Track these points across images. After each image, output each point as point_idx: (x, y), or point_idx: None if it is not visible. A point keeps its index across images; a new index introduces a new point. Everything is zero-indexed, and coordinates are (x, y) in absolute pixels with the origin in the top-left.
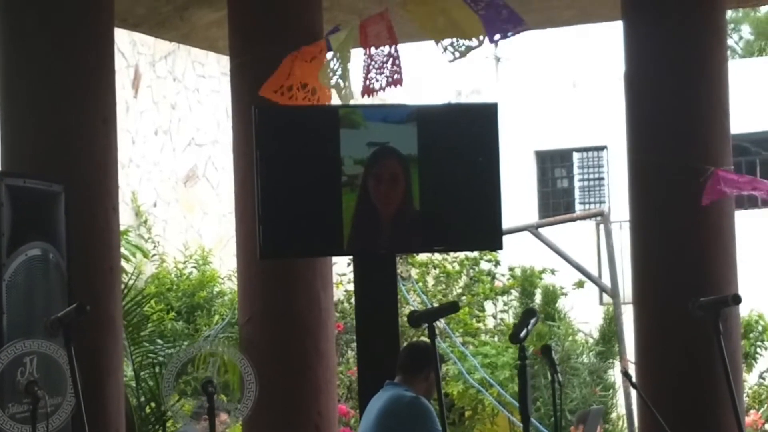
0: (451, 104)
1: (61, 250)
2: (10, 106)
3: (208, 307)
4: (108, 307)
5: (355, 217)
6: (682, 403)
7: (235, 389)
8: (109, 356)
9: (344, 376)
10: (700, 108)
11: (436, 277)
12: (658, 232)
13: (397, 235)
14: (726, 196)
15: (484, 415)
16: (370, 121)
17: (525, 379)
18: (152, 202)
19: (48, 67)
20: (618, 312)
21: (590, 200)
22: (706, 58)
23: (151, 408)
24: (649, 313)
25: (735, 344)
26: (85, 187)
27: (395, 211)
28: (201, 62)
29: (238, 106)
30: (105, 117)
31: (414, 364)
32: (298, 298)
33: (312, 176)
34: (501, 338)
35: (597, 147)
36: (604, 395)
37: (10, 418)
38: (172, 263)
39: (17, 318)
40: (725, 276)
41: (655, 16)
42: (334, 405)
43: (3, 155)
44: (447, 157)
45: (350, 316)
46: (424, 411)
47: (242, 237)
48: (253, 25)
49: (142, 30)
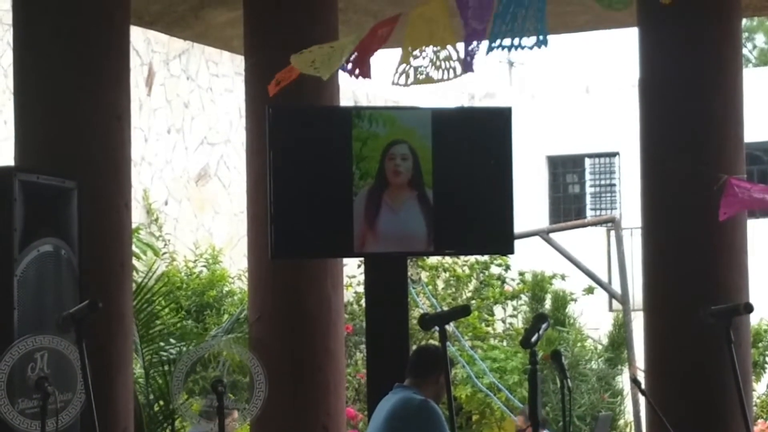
0: (464, 108)
1: (72, 246)
2: (25, 101)
3: (218, 306)
4: (118, 304)
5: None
6: (691, 411)
7: (243, 389)
8: (118, 353)
9: (353, 378)
10: (714, 116)
11: (446, 280)
12: (669, 239)
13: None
14: (741, 209)
15: (491, 420)
16: (390, 120)
17: (535, 384)
18: (164, 201)
19: (63, 63)
20: (627, 318)
21: (601, 206)
22: (721, 66)
23: (160, 406)
24: (660, 320)
25: (745, 353)
26: (98, 184)
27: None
28: (215, 61)
29: (252, 105)
30: (119, 114)
31: (424, 367)
32: (308, 299)
33: (324, 177)
34: (510, 343)
35: (609, 153)
36: (612, 401)
37: (20, 414)
38: (182, 262)
39: (28, 313)
40: (736, 284)
41: (671, 23)
42: (342, 406)
43: (16, 151)
44: (460, 160)
45: (359, 318)
46: (433, 414)
47: (254, 237)
48: (269, 25)
49: (158, 28)
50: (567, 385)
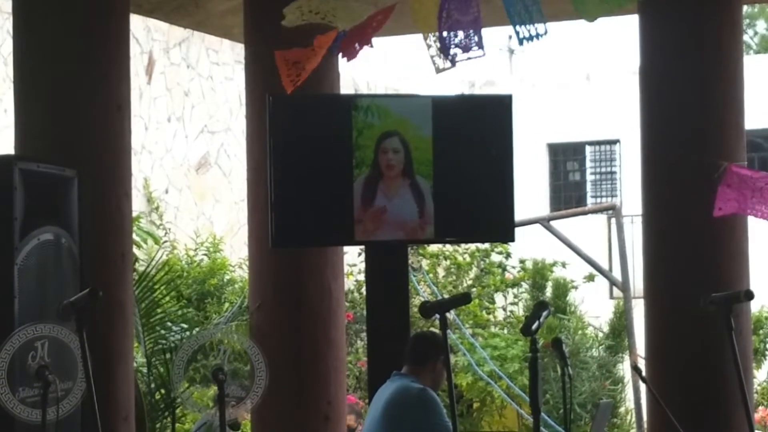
0: (465, 95)
1: (73, 235)
2: (25, 90)
3: (219, 294)
4: (119, 292)
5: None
6: (692, 398)
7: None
8: (119, 342)
9: (353, 366)
10: (714, 103)
11: (446, 268)
12: (670, 226)
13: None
14: (737, 212)
15: (492, 408)
16: (384, 111)
17: (536, 371)
18: (164, 189)
19: (63, 52)
20: (628, 306)
21: (602, 194)
22: (722, 54)
23: (161, 394)
24: (661, 307)
25: (746, 340)
26: (99, 172)
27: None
28: (215, 49)
29: (252, 93)
30: (119, 104)
31: (421, 354)
32: (309, 287)
33: (325, 165)
34: (511, 330)
35: (610, 141)
36: (613, 389)
37: (20, 402)
38: (183, 250)
39: (29, 302)
40: (737, 272)
41: (672, 11)
42: (343, 394)
43: (17, 139)
44: (461, 148)
45: (360, 306)
46: (431, 403)
47: (254, 225)
48: (269, 13)
49: (158, 16)
50: (568, 372)
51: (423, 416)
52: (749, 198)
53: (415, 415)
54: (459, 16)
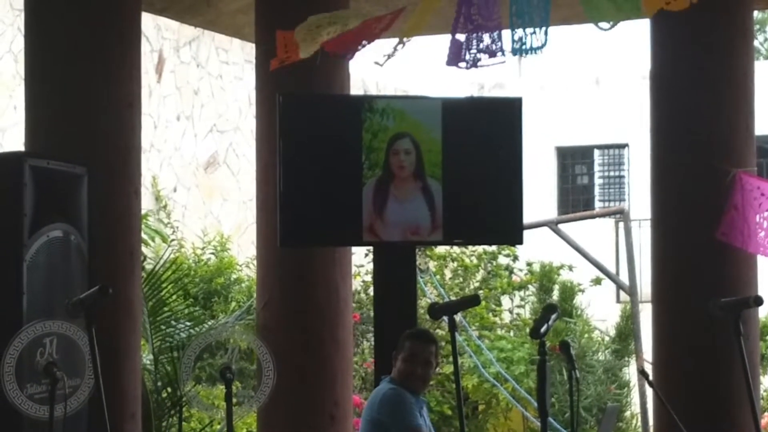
0: (474, 98)
1: (82, 232)
2: (36, 88)
3: (225, 293)
4: (127, 290)
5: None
6: (699, 403)
7: (251, 376)
8: (126, 339)
9: (360, 367)
10: (724, 108)
11: (453, 270)
12: (679, 231)
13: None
14: (739, 246)
15: (497, 410)
16: (399, 113)
17: (544, 375)
18: (172, 187)
19: (74, 50)
20: (635, 310)
21: (610, 198)
22: (733, 59)
23: (168, 392)
24: (668, 311)
25: (753, 346)
26: (108, 170)
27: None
28: (225, 49)
29: (262, 93)
30: (130, 101)
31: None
32: (316, 287)
33: (334, 165)
34: (517, 333)
35: (618, 144)
36: (619, 393)
37: (28, 399)
38: (190, 249)
39: (37, 299)
40: (745, 277)
41: (682, 15)
42: (349, 395)
43: (27, 136)
44: (470, 150)
45: (367, 307)
46: (392, 405)
47: (263, 224)
48: (280, 12)
49: (169, 15)
50: (575, 376)
51: (391, 416)
52: (756, 235)
53: (384, 417)
54: (483, 21)
